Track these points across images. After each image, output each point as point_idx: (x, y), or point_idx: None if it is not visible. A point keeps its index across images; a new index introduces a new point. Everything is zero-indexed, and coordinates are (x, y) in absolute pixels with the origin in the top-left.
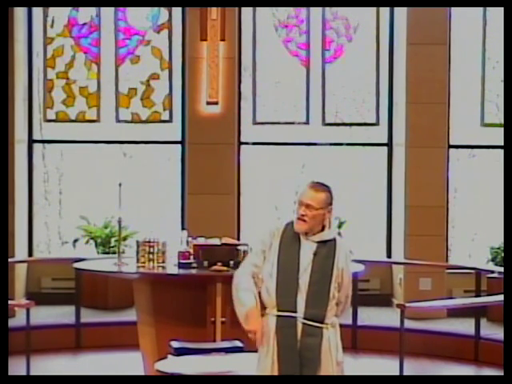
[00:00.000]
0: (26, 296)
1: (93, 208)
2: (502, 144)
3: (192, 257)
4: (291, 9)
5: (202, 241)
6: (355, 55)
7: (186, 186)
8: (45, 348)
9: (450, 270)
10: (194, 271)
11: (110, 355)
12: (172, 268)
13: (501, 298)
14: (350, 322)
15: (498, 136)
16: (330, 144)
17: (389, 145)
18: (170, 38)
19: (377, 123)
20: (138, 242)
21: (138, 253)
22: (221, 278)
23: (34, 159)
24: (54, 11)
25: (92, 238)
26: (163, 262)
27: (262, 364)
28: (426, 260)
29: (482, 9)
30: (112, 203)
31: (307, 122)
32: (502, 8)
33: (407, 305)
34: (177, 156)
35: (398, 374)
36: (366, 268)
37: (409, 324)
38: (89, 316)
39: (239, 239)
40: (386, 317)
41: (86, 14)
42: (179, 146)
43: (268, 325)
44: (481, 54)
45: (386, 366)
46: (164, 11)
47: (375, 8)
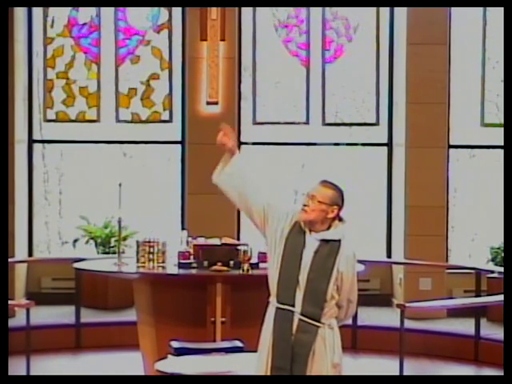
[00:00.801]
0: (26, 296)
1: (93, 208)
2: (502, 144)
3: (192, 257)
4: (291, 9)
5: (201, 241)
6: (355, 55)
7: (185, 185)
8: (45, 348)
9: (449, 270)
10: (194, 271)
11: (110, 355)
12: (172, 268)
13: (501, 298)
14: (349, 322)
15: (497, 136)
16: (330, 144)
17: (389, 145)
18: (170, 38)
19: (377, 123)
20: (137, 242)
21: (137, 253)
22: (221, 278)
23: (34, 159)
24: (54, 11)
25: (92, 238)
26: (163, 262)
27: (261, 355)
28: (426, 260)
29: (481, 9)
30: (112, 203)
31: (307, 122)
32: (502, 8)
33: (407, 305)
34: (177, 156)
35: (397, 374)
36: (366, 268)
37: (409, 324)
38: (89, 316)
39: (239, 239)
40: (385, 317)
41: (85, 14)
42: (179, 146)
43: (269, 315)
44: (481, 54)
45: (386, 366)
46: (164, 11)
47: (375, 8)
